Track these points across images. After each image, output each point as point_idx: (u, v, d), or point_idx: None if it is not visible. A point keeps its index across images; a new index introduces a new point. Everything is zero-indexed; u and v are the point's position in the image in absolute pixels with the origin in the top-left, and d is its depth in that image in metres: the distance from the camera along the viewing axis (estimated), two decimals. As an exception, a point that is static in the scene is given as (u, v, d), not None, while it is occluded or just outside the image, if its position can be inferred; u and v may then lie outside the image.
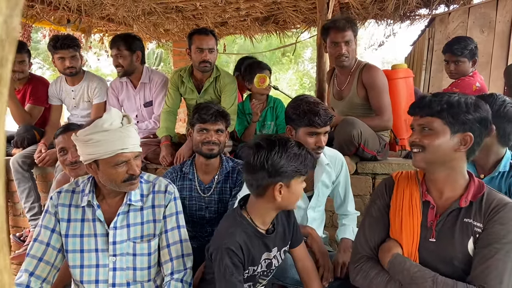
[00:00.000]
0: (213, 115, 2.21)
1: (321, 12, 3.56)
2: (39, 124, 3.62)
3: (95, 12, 4.38)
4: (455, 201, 1.47)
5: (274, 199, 1.53)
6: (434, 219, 1.51)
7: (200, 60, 3.01)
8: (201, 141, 2.23)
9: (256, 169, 1.50)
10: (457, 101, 1.42)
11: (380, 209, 1.63)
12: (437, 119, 1.43)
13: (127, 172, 1.62)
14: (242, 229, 1.57)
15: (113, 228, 1.69)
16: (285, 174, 1.50)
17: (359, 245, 1.65)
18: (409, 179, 1.60)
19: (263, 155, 1.48)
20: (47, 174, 3.48)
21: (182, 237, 1.78)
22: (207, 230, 2.38)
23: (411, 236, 1.52)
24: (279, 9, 4.88)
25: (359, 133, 2.59)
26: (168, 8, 4.66)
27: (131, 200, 1.71)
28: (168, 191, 1.78)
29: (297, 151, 1.52)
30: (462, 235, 1.45)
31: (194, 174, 2.35)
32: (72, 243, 1.70)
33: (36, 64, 19.22)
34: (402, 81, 2.88)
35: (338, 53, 2.76)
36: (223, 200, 2.33)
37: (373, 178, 2.82)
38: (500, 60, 4.28)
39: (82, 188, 1.74)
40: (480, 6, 4.26)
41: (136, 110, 3.48)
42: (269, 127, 3.22)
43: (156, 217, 1.75)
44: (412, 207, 1.53)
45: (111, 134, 1.55)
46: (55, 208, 1.71)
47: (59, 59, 3.38)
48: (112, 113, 1.61)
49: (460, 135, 1.42)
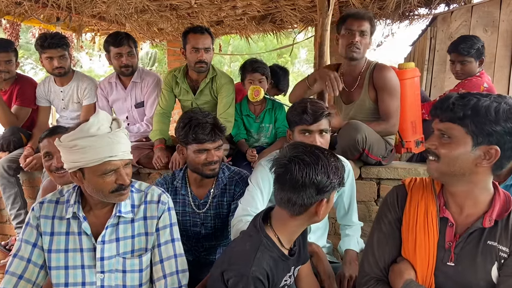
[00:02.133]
0: (211, 133, 1.96)
1: (321, 9, 3.42)
2: (26, 126, 3.47)
3: (85, 10, 4.22)
4: (478, 220, 1.29)
5: (315, 216, 1.38)
6: (453, 240, 1.33)
7: (196, 60, 2.86)
8: (201, 163, 2.00)
9: (304, 187, 1.32)
10: (486, 107, 1.20)
11: (391, 224, 1.44)
12: (458, 126, 1.24)
13: (115, 181, 1.47)
14: (270, 254, 1.39)
15: (101, 243, 1.54)
16: (331, 189, 1.35)
17: (367, 265, 1.46)
18: (424, 189, 1.41)
19: (312, 171, 1.31)
20: (34, 179, 3.33)
21: (177, 252, 1.62)
22: (203, 245, 2.21)
23: (426, 258, 1.35)
24: (276, 8, 4.75)
25: (364, 138, 2.45)
26: (162, 6, 4.51)
27: (121, 211, 1.56)
28: (162, 201, 1.63)
29: (336, 163, 1.37)
30: (485, 259, 1.27)
31: (186, 189, 2.15)
32: (56, 259, 1.55)
33: (29, 65, 18.99)
34: (410, 82, 2.72)
35: (351, 41, 2.56)
36: (220, 215, 2.14)
37: (377, 183, 2.68)
38: (504, 59, 4.17)
39: (67, 198, 1.58)
40: (484, 4, 4.15)
41: (127, 111, 3.33)
42: (267, 130, 3.08)
43: (148, 229, 1.60)
44: (428, 224, 1.35)
45: (98, 140, 1.41)
46: (37, 220, 1.56)
47: (47, 59, 3.23)
48: (100, 116, 1.47)
49: (484, 148, 1.22)
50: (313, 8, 4.66)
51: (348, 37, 2.59)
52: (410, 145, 2.76)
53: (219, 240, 2.19)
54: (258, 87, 2.86)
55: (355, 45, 2.56)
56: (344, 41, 2.61)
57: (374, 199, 2.69)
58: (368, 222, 2.71)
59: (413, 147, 2.75)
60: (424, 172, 2.59)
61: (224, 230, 2.15)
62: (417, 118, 2.77)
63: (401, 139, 2.76)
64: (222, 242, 2.20)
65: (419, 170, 2.60)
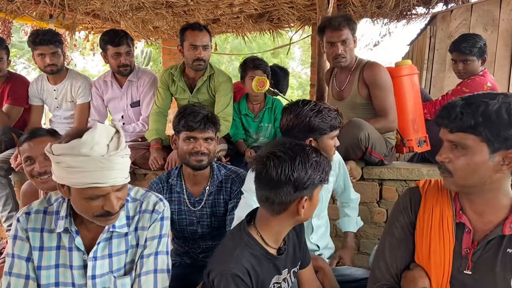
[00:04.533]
0: (201, 122, 1.94)
1: (320, 8, 3.37)
2: (18, 126, 3.38)
3: (79, 7, 4.13)
4: (497, 227, 1.22)
5: (297, 215, 1.33)
6: (470, 247, 1.26)
7: (194, 58, 2.80)
8: (188, 151, 1.97)
9: (280, 184, 1.26)
10: (497, 111, 1.12)
11: (403, 228, 1.37)
12: (472, 135, 1.16)
13: (102, 207, 1.30)
14: (250, 251, 1.34)
15: (93, 259, 1.40)
16: (311, 186, 1.29)
17: (378, 272, 1.40)
18: (439, 192, 1.34)
19: (287, 168, 1.25)
20: (25, 181, 3.22)
21: (158, 267, 1.44)
22: (200, 246, 2.15)
23: (441, 265, 1.27)
24: (274, 6, 4.68)
25: (367, 136, 2.42)
26: (158, 4, 4.43)
27: (115, 226, 1.41)
28: (156, 210, 1.47)
29: (317, 158, 1.31)
30: (505, 269, 1.20)
31: (182, 186, 2.09)
32: (46, 277, 1.40)
33: (21, 65, 18.79)
34: (407, 79, 2.69)
35: (335, 54, 2.62)
36: (217, 213, 2.08)
37: (380, 184, 2.63)
38: (504, 59, 4.13)
39: (56, 209, 1.42)
40: (483, 3, 4.11)
41: (122, 110, 3.26)
42: (266, 129, 3.01)
43: (139, 241, 1.46)
44: (443, 229, 1.28)
45: (88, 162, 1.21)
46: (26, 232, 1.39)
47: (39, 56, 3.15)
48: (97, 132, 1.24)
49: (502, 153, 1.14)
50: (311, 7, 4.61)
51: (331, 49, 2.64)
52: (411, 144, 2.70)
53: (216, 240, 2.13)
54: (263, 78, 2.78)
55: (341, 55, 2.62)
56: (329, 53, 2.67)
57: (376, 200, 2.63)
58: (370, 224, 2.65)
59: (415, 146, 2.70)
60: (427, 173, 2.53)
61: (221, 229, 2.09)
62: (418, 116, 2.72)
63: (401, 138, 2.70)
64: (219, 243, 2.13)
65: (422, 170, 2.55)
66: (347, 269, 1.97)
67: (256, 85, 2.77)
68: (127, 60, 3.08)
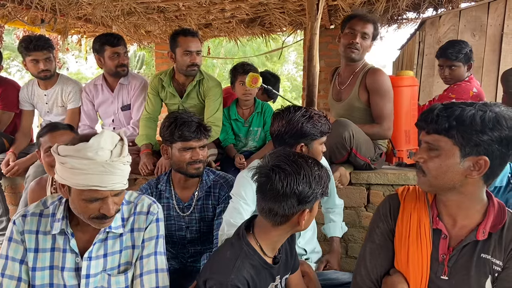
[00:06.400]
0: (196, 131, 1.98)
1: (310, 13, 3.40)
2: (8, 131, 3.37)
3: (70, 12, 4.13)
4: (471, 232, 1.25)
5: (297, 226, 1.35)
6: (446, 252, 1.29)
7: (189, 63, 2.82)
8: (186, 162, 1.99)
9: (285, 197, 1.28)
10: (471, 116, 1.16)
11: (383, 235, 1.41)
12: (445, 138, 1.20)
13: (99, 210, 1.35)
14: (250, 261, 1.36)
15: (87, 259, 1.44)
16: (314, 200, 1.32)
17: (359, 277, 1.43)
18: (417, 199, 1.38)
19: (293, 182, 1.27)
20: (17, 186, 3.24)
21: (158, 266, 1.51)
22: (189, 251, 2.17)
23: (419, 271, 1.31)
24: (265, 11, 4.71)
25: (351, 135, 2.44)
26: (149, 8, 4.44)
27: (111, 227, 1.46)
28: (151, 211, 1.54)
29: (319, 172, 1.33)
30: (479, 273, 1.24)
31: (171, 191, 2.12)
32: (41, 277, 1.44)
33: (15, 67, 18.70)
34: (407, 90, 2.71)
35: (351, 41, 2.59)
36: (205, 218, 2.10)
37: (367, 189, 2.66)
38: (492, 64, 4.19)
39: (52, 212, 1.47)
40: (472, 9, 4.17)
41: (113, 114, 3.27)
42: (255, 134, 3.03)
43: (135, 242, 1.51)
44: (421, 236, 1.31)
45: (91, 166, 1.28)
46: (21, 235, 1.44)
47: (31, 62, 3.14)
48: (103, 138, 1.31)
49: (472, 159, 1.18)
50: (302, 12, 4.65)
51: (349, 37, 2.61)
52: (402, 155, 2.74)
53: (205, 245, 2.15)
54: (256, 75, 2.80)
55: (355, 46, 2.59)
56: (345, 40, 2.64)
57: (364, 205, 2.66)
58: (357, 228, 2.68)
59: (405, 157, 2.73)
60: (414, 177, 2.57)
61: (210, 234, 2.11)
62: (412, 128, 2.74)
63: (393, 148, 2.73)
64: (208, 247, 2.16)
65: (409, 175, 2.59)
66: (333, 273, 1.99)
67: (249, 81, 2.79)
68: (125, 60, 3.12)
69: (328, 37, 5.73)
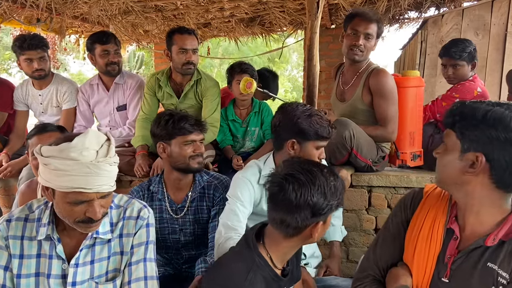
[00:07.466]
0: (195, 124, 1.96)
1: (310, 12, 3.33)
2: (2, 132, 3.31)
3: (66, 11, 4.06)
4: (482, 237, 1.18)
5: (309, 238, 1.29)
6: (453, 254, 1.23)
7: (184, 61, 2.75)
8: (189, 156, 1.94)
9: (299, 209, 1.22)
10: (474, 110, 1.13)
11: (398, 224, 1.38)
12: (451, 131, 1.19)
13: (85, 213, 1.29)
14: (262, 273, 1.29)
15: (74, 266, 1.38)
16: (328, 212, 1.25)
17: (366, 261, 1.41)
18: (439, 198, 1.33)
19: (307, 193, 1.21)
20: (10, 188, 3.16)
21: (148, 273, 1.44)
22: (183, 256, 2.10)
23: (423, 269, 1.26)
24: (265, 10, 4.65)
25: (352, 135, 2.36)
26: (147, 7, 4.37)
27: (99, 232, 1.39)
28: (141, 216, 1.47)
29: (335, 182, 1.26)
30: (482, 282, 1.16)
31: (163, 193, 2.05)
32: (26, 285, 1.38)
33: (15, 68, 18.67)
34: (413, 90, 2.60)
35: (354, 43, 2.49)
36: (200, 220, 2.04)
37: (369, 191, 2.59)
38: (495, 64, 4.12)
39: (38, 216, 1.41)
40: (475, 8, 4.10)
41: (109, 114, 3.20)
42: (253, 133, 2.96)
43: (124, 248, 1.44)
44: (432, 232, 1.27)
45: (75, 167, 1.22)
46: (5, 241, 1.37)
47: (25, 61, 3.08)
48: (88, 137, 1.26)
49: (470, 155, 1.14)
50: (302, 11, 4.58)
51: (352, 38, 2.52)
52: (405, 157, 2.63)
53: (200, 249, 2.09)
54: (250, 79, 2.74)
55: (358, 48, 2.50)
56: (348, 41, 2.55)
57: (365, 207, 2.59)
58: (358, 232, 2.61)
59: (408, 160, 2.63)
60: (416, 179, 2.50)
61: (204, 237, 2.05)
62: (417, 130, 2.65)
63: (396, 150, 2.64)
64: (203, 252, 2.09)
65: (412, 177, 2.52)
66: (334, 279, 1.92)
67: (243, 85, 2.73)
68: (115, 58, 3.04)
69: (329, 37, 5.66)
